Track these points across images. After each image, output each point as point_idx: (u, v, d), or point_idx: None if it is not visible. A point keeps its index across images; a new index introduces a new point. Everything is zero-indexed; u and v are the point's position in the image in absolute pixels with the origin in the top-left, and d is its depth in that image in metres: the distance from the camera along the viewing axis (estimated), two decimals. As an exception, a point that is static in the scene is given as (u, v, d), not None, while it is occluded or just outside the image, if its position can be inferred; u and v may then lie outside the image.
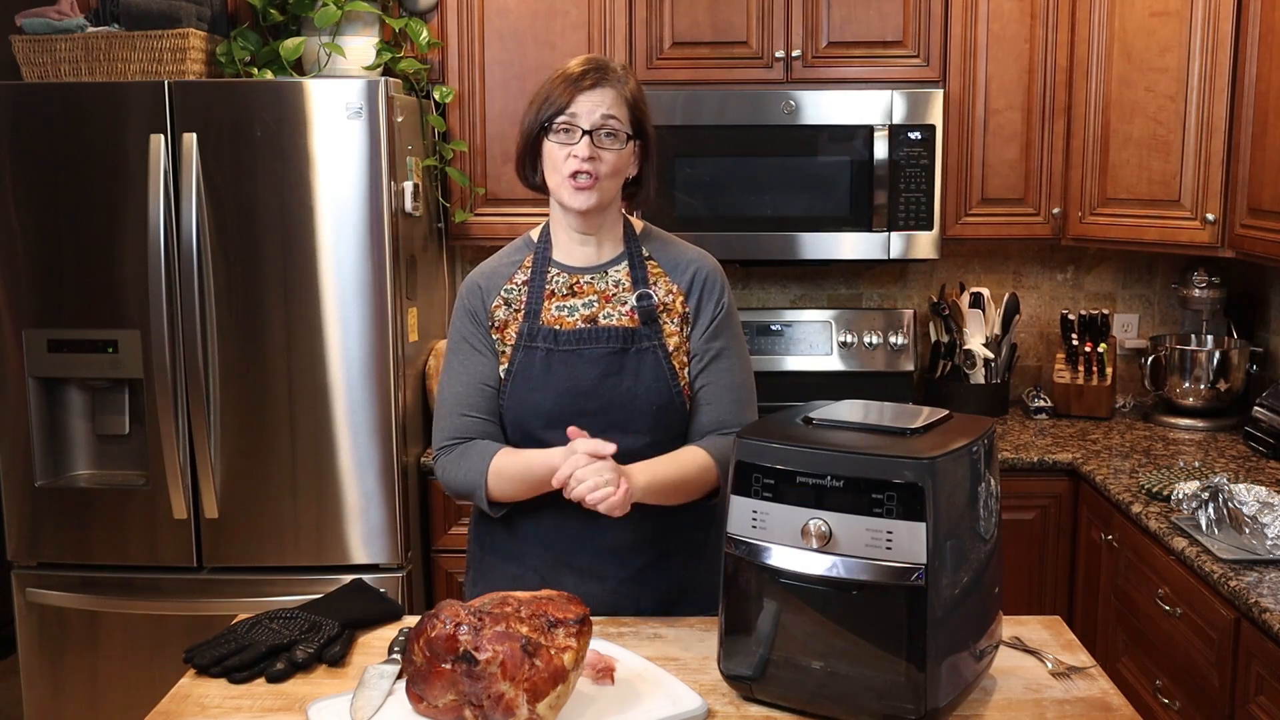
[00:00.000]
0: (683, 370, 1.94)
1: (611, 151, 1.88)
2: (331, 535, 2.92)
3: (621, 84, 1.90)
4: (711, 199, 3.21)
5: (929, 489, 1.43)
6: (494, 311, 1.97)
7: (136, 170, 2.82)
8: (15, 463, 2.95)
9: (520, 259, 2.00)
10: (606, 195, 1.91)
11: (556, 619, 1.49)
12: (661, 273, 1.98)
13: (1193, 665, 2.30)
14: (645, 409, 1.91)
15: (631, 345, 1.91)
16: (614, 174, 1.90)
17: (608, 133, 1.87)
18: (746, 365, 2.01)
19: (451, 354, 2.00)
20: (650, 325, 1.93)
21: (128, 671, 2.98)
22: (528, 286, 1.97)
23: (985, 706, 1.59)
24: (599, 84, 1.88)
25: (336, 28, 3.04)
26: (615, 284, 1.96)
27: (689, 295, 1.97)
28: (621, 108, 1.89)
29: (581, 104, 1.87)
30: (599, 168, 1.87)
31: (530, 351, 1.92)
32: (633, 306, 1.94)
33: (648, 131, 1.94)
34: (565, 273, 1.97)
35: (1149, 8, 3.03)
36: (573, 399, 1.90)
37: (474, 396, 1.95)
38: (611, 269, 1.97)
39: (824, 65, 3.24)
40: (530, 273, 1.98)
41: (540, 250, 1.99)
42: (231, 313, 2.86)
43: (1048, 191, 3.27)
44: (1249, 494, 2.27)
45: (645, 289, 1.94)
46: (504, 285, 1.98)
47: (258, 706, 1.61)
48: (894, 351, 3.49)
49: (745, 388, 1.98)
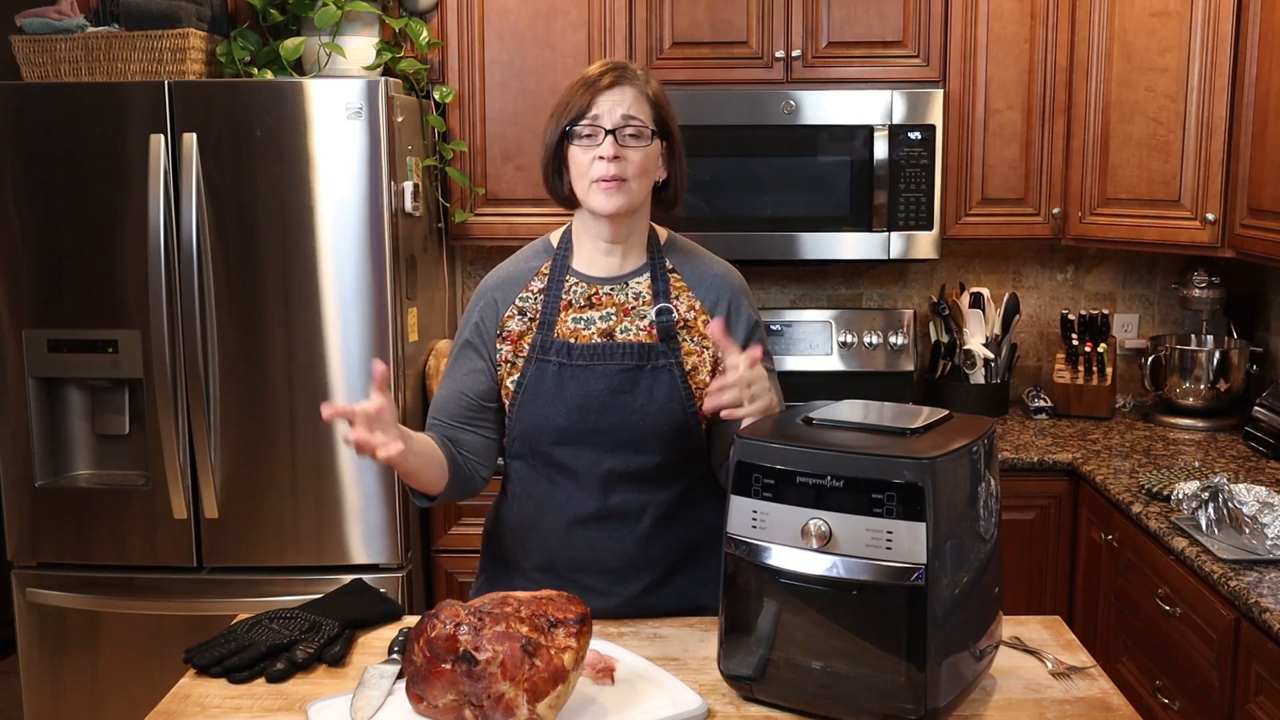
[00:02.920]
0: (699, 392, 1.88)
1: (637, 150, 1.82)
2: (331, 535, 2.92)
3: (642, 83, 1.85)
4: (711, 199, 3.21)
5: (929, 489, 1.43)
6: (506, 323, 1.92)
7: (136, 170, 2.82)
8: (15, 463, 2.95)
9: (538, 265, 1.95)
10: (635, 198, 1.85)
11: (556, 619, 1.49)
12: (684, 287, 1.93)
13: (1193, 665, 2.30)
14: (656, 429, 1.87)
15: (647, 362, 1.87)
16: (641, 174, 1.84)
17: (631, 132, 1.82)
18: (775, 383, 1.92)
19: (450, 356, 1.98)
20: (668, 342, 1.88)
21: (128, 671, 2.98)
22: (544, 295, 1.92)
23: (985, 706, 1.59)
24: (618, 83, 1.83)
25: (336, 28, 3.04)
26: (635, 296, 1.91)
27: (714, 314, 1.91)
28: (643, 106, 1.84)
29: (602, 104, 1.81)
30: (625, 168, 1.81)
31: (543, 365, 1.88)
32: (651, 321, 1.89)
33: (673, 131, 1.89)
34: (584, 283, 1.92)
35: (1149, 8, 3.03)
36: (582, 415, 1.86)
37: (450, 404, 1.93)
38: (632, 280, 1.92)
39: (824, 65, 3.24)
40: (547, 280, 1.93)
41: (559, 257, 1.94)
42: (231, 313, 2.86)
43: (1048, 191, 3.27)
44: (1249, 494, 2.27)
45: (666, 303, 1.90)
46: (519, 294, 1.93)
47: (258, 706, 1.61)
48: (894, 351, 3.49)
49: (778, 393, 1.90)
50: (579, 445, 1.88)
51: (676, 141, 1.90)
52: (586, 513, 1.91)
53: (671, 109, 1.89)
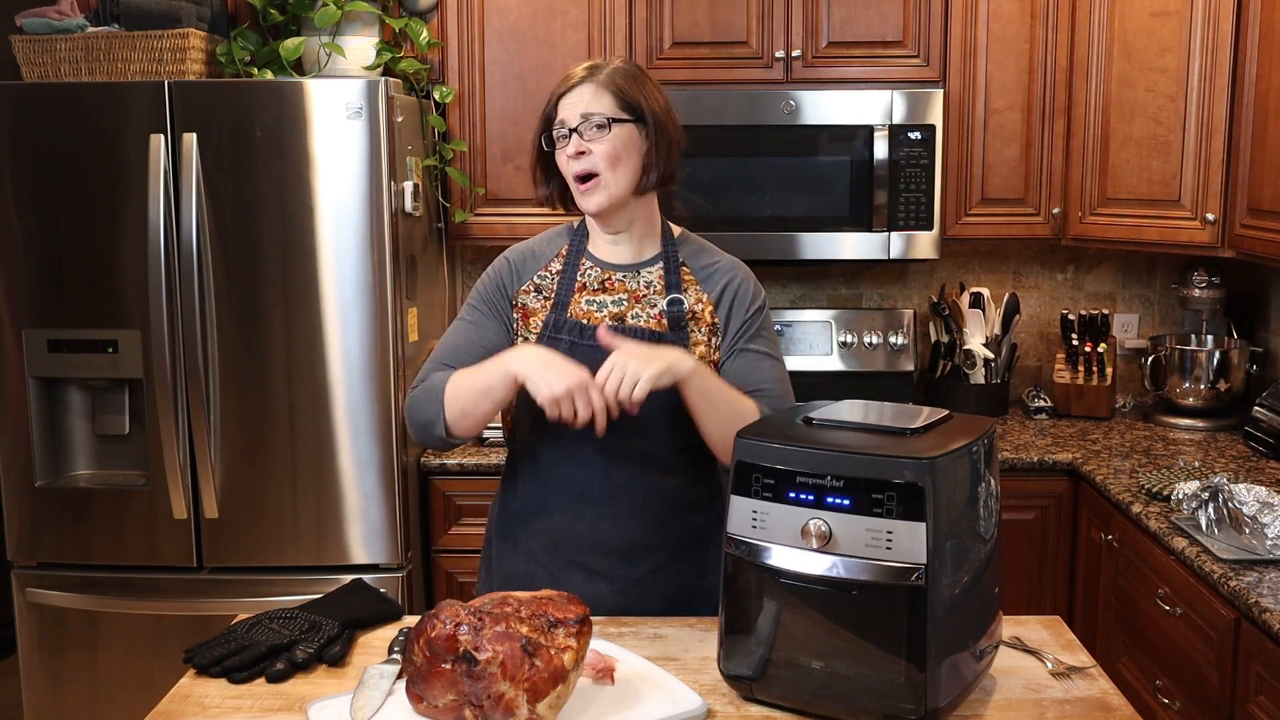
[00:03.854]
0: None
1: (600, 141, 1.87)
2: (331, 535, 2.92)
3: (606, 76, 1.89)
4: (711, 199, 3.21)
5: (929, 489, 1.43)
6: (520, 295, 1.97)
7: (136, 170, 2.82)
8: (15, 463, 2.95)
9: (558, 247, 2.01)
10: (616, 190, 1.89)
11: (556, 619, 1.49)
12: (694, 280, 1.98)
13: (1193, 665, 2.30)
14: (664, 414, 1.89)
15: None
16: (612, 163, 1.88)
17: (595, 124, 1.87)
18: (782, 366, 1.98)
19: (465, 310, 2.00)
20: (677, 332, 1.92)
21: (128, 671, 2.98)
22: (560, 276, 1.97)
23: (985, 706, 1.59)
24: (580, 83, 1.90)
25: (336, 28, 3.04)
26: (647, 285, 1.96)
27: (718, 306, 1.96)
28: (602, 98, 1.88)
29: (565, 108, 1.90)
30: (594, 162, 1.87)
31: (554, 343, 1.91)
32: (661, 310, 1.94)
33: (645, 112, 1.90)
34: (599, 267, 1.97)
35: (1149, 8, 3.03)
36: None
37: (468, 356, 1.93)
38: (645, 270, 1.97)
39: (824, 65, 3.24)
40: (564, 262, 1.99)
41: (577, 241, 2.00)
42: (231, 313, 2.86)
43: (1048, 191, 3.28)
44: (1249, 494, 2.27)
45: (677, 294, 1.94)
46: (538, 271, 1.98)
47: (258, 706, 1.61)
48: (894, 351, 3.49)
49: (783, 381, 1.95)
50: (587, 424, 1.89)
51: (651, 120, 1.90)
52: (594, 493, 1.94)
53: (641, 90, 1.90)
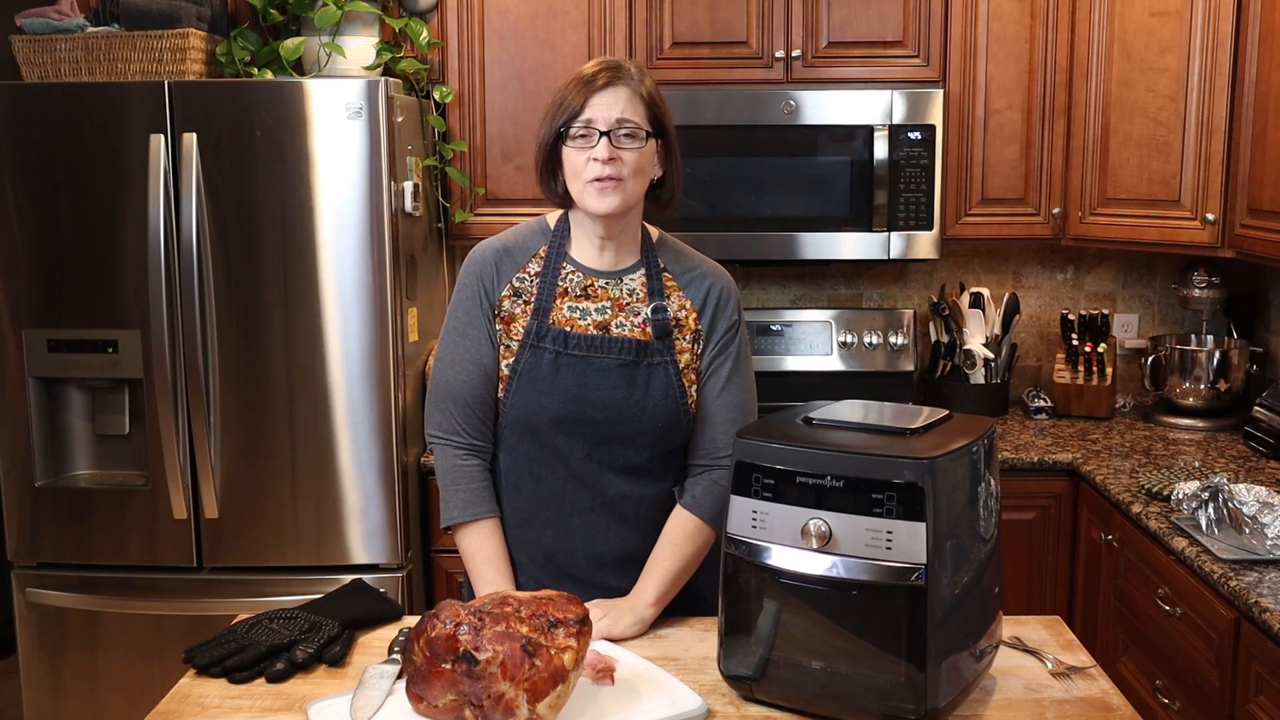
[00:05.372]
0: (691, 388, 1.92)
1: (632, 151, 1.83)
2: (331, 535, 2.92)
3: (636, 82, 1.85)
4: (711, 199, 3.21)
5: (929, 489, 1.43)
6: (501, 302, 1.92)
7: (136, 170, 2.81)
8: (15, 463, 2.95)
9: (535, 247, 1.95)
10: (631, 197, 1.85)
11: (556, 619, 1.49)
12: (676, 286, 1.95)
13: (1193, 665, 2.30)
14: (650, 424, 1.89)
15: (643, 359, 1.89)
16: (636, 174, 1.84)
17: (626, 133, 1.82)
18: (750, 386, 1.98)
19: (456, 332, 1.94)
20: (663, 340, 1.90)
21: (128, 671, 2.98)
22: (540, 280, 1.92)
23: (985, 706, 1.59)
24: (612, 83, 1.83)
25: (336, 28, 3.04)
26: (629, 293, 1.92)
27: (702, 312, 1.94)
28: (638, 106, 1.83)
29: (596, 106, 1.82)
30: (621, 169, 1.82)
31: (538, 351, 1.88)
32: (646, 319, 1.91)
33: (668, 130, 1.89)
34: (580, 272, 1.92)
35: (1149, 8, 3.03)
36: (579, 406, 1.87)
37: (477, 386, 1.91)
38: (627, 277, 1.93)
39: (824, 65, 3.24)
40: (544, 265, 1.93)
41: (556, 243, 1.94)
42: (231, 313, 2.86)
43: (1048, 191, 3.27)
44: (1249, 494, 2.27)
45: (660, 302, 1.91)
46: (516, 273, 1.93)
47: (258, 706, 1.61)
48: (894, 351, 3.49)
49: (746, 409, 1.96)
50: (573, 435, 1.89)
51: (672, 140, 1.90)
52: (584, 505, 1.92)
53: (666, 107, 1.89)
